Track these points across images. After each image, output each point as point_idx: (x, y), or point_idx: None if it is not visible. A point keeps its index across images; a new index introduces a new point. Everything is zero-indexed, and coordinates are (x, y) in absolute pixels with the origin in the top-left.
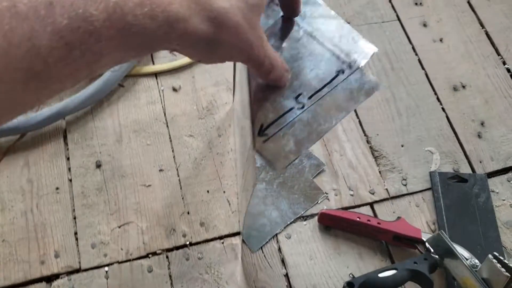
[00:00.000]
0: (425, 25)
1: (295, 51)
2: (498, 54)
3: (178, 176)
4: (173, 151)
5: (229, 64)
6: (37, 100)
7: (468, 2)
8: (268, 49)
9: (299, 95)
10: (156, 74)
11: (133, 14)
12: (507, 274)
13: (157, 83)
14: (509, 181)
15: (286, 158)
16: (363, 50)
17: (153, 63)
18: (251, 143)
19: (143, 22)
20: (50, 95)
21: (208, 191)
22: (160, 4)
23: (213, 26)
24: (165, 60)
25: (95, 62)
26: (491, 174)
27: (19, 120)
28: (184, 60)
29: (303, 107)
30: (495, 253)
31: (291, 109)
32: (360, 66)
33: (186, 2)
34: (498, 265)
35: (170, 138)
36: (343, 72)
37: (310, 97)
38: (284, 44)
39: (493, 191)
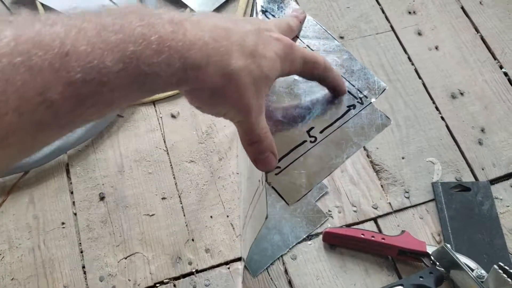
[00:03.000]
0: (420, 34)
1: (308, 85)
2: (495, 58)
3: (181, 203)
4: (174, 178)
5: None
6: (45, 143)
7: (462, 8)
8: (262, 121)
9: (311, 128)
10: (154, 102)
11: (149, 62)
12: None
13: (156, 111)
14: None
15: (298, 192)
16: (374, 87)
17: None
18: (263, 175)
19: (158, 70)
20: (58, 138)
21: (211, 217)
22: (179, 50)
23: (223, 81)
24: None
25: (105, 108)
26: (494, 181)
27: None
28: None
29: (315, 140)
30: (500, 263)
31: (303, 142)
32: (371, 102)
33: (206, 50)
34: (504, 275)
35: (171, 165)
36: (354, 107)
37: (321, 131)
38: (297, 77)
39: (497, 198)
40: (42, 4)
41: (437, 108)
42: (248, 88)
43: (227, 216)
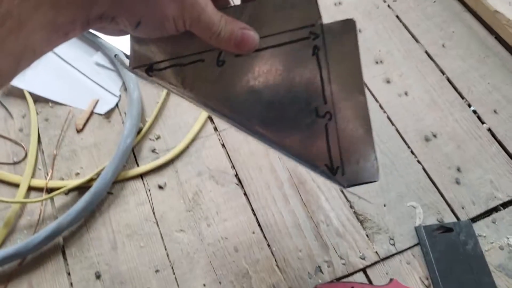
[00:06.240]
0: (388, 82)
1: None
2: (462, 97)
3: (174, 274)
4: (166, 249)
5: (208, 153)
6: None
7: (426, 52)
8: (212, 9)
9: (316, 110)
10: (141, 176)
11: None
12: None
13: (144, 184)
14: (494, 222)
15: (372, 165)
16: (307, 6)
17: (138, 165)
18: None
19: None
20: None
21: (204, 285)
22: None
23: None
24: (148, 160)
25: (16, 29)
26: (475, 219)
27: (19, 245)
28: (166, 156)
29: (330, 116)
30: None
31: (326, 127)
32: (321, 24)
33: None
34: None
35: (161, 236)
36: (318, 48)
37: (325, 101)
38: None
39: (480, 236)
40: (30, 93)
41: (412, 152)
42: None
43: (220, 283)
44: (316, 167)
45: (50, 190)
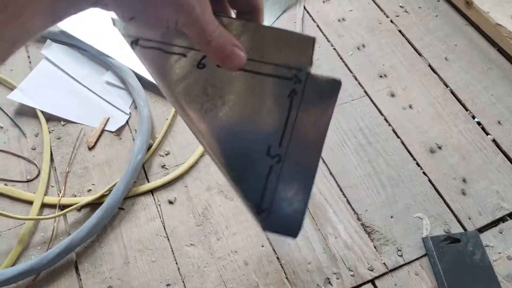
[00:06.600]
0: (393, 95)
1: (239, 97)
2: (466, 109)
3: None
4: (176, 263)
5: (217, 168)
6: None
7: (429, 65)
8: (210, 15)
9: (269, 148)
10: (152, 191)
11: None
12: None
13: (154, 199)
14: (501, 232)
15: (297, 222)
16: (302, 49)
17: (148, 181)
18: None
19: None
20: None
21: None
22: None
23: None
24: (158, 175)
25: (16, 15)
26: (482, 229)
27: (33, 261)
28: (176, 172)
29: (279, 159)
30: None
31: (270, 168)
32: (308, 73)
33: None
34: None
35: (172, 251)
36: (295, 92)
37: (280, 144)
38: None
39: (487, 246)
40: (42, 112)
41: (418, 164)
42: None
43: None
44: (246, 200)
45: (63, 207)
